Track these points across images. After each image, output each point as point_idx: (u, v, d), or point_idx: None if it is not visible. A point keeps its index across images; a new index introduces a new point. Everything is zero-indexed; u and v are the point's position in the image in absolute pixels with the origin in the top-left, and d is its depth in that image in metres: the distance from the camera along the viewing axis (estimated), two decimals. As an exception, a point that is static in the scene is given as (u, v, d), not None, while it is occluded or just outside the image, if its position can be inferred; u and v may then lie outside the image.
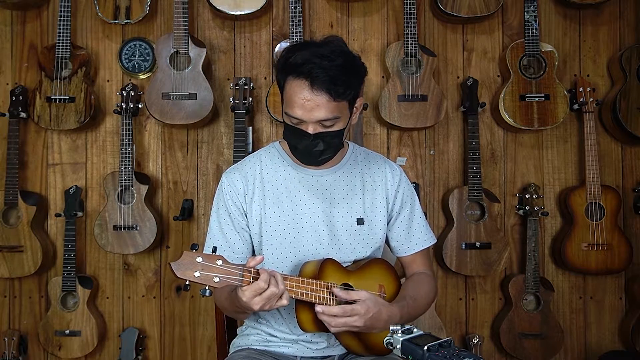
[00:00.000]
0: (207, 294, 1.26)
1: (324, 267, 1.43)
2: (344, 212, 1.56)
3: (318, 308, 1.36)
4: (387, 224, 1.62)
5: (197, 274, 1.25)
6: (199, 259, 1.25)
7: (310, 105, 1.38)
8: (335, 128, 1.44)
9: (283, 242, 1.53)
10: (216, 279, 1.26)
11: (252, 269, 1.31)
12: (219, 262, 1.27)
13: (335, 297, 1.40)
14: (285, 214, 1.54)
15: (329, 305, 1.39)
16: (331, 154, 1.51)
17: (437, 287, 1.67)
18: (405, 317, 1.46)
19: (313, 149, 1.45)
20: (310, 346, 1.56)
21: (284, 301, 1.32)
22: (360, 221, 1.56)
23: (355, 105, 1.49)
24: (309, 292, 1.37)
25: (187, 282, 1.25)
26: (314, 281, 1.39)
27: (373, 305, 1.38)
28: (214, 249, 1.30)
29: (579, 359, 2.70)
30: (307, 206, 1.55)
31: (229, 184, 1.57)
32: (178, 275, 1.24)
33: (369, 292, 1.41)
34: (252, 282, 1.29)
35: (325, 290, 1.40)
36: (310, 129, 1.42)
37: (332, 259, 1.48)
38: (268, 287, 1.29)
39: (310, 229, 1.54)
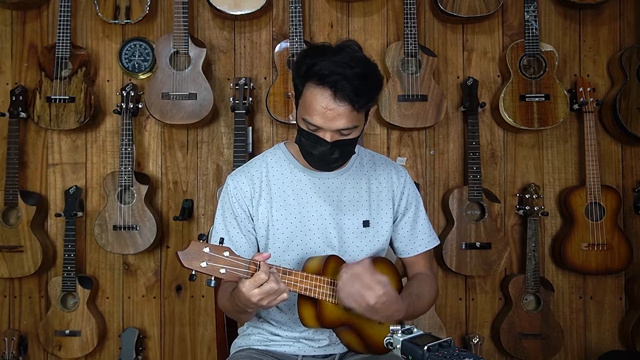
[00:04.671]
0: (212, 285, 1.27)
1: (327, 264, 1.44)
2: (350, 214, 1.56)
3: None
4: (392, 225, 1.62)
5: (203, 264, 1.24)
6: (206, 250, 1.25)
7: (332, 115, 1.38)
8: (351, 136, 1.44)
9: (290, 245, 1.53)
10: (222, 270, 1.26)
11: (258, 262, 1.31)
12: (226, 253, 1.27)
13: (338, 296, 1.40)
14: (293, 217, 1.54)
15: (331, 302, 1.40)
16: (344, 160, 1.52)
17: (438, 288, 1.68)
18: (409, 313, 1.47)
19: (329, 156, 1.45)
20: (312, 344, 1.56)
21: (284, 295, 1.32)
22: (366, 223, 1.57)
23: (369, 112, 1.49)
24: (312, 288, 1.38)
25: (194, 272, 1.25)
26: (318, 277, 1.39)
27: (391, 292, 1.38)
28: (221, 240, 1.30)
29: (579, 359, 2.70)
30: (314, 208, 1.55)
31: (235, 187, 1.57)
32: (185, 265, 1.23)
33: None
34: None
35: (328, 286, 1.40)
36: (328, 137, 1.41)
37: (336, 255, 1.49)
38: (268, 279, 1.29)
39: (317, 231, 1.54)
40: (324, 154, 1.45)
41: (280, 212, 1.54)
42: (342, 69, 1.35)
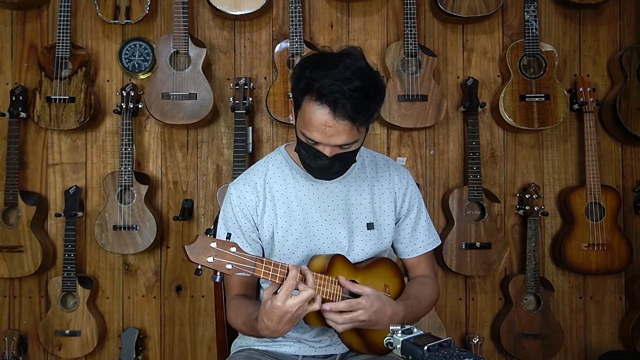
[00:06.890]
0: (217, 280, 1.26)
1: (333, 263, 1.43)
2: (354, 217, 1.56)
3: (325, 306, 1.35)
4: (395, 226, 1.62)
5: (210, 259, 1.24)
6: (214, 245, 1.25)
7: (331, 132, 1.34)
8: (352, 148, 1.41)
9: (295, 251, 1.53)
10: (228, 266, 1.25)
11: (265, 260, 1.30)
12: (233, 249, 1.27)
13: (342, 291, 1.40)
14: (297, 223, 1.53)
15: (336, 301, 1.39)
16: (345, 170, 1.49)
17: (439, 290, 1.67)
18: (408, 316, 1.46)
19: (329, 169, 1.43)
20: (313, 345, 1.56)
21: (316, 305, 1.32)
22: (370, 226, 1.56)
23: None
24: (317, 287, 1.36)
25: (199, 267, 1.25)
26: (323, 276, 1.39)
27: (377, 300, 1.38)
28: (228, 236, 1.29)
29: (579, 359, 2.70)
30: (317, 214, 1.54)
31: (239, 196, 1.55)
32: (191, 259, 1.23)
33: (373, 288, 1.41)
34: (263, 270, 1.29)
35: (334, 285, 1.40)
36: (327, 151, 1.38)
37: (341, 255, 1.48)
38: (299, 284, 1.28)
39: (322, 237, 1.53)
40: (323, 167, 1.42)
41: (284, 220, 1.53)
42: (340, 86, 1.29)
